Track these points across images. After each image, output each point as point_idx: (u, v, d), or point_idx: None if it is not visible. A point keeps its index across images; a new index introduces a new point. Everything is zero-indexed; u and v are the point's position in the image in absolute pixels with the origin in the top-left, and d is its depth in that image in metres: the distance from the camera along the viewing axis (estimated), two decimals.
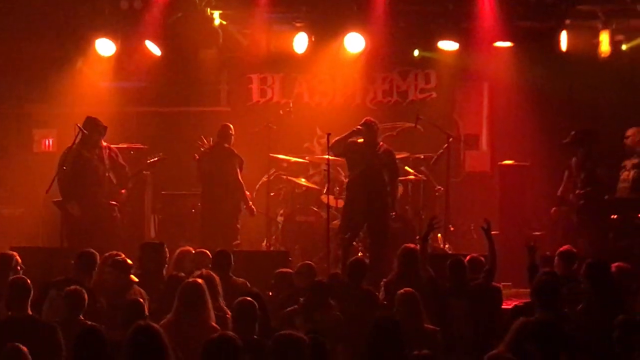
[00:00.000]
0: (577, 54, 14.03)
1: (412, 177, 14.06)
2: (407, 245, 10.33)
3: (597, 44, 13.84)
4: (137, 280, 9.69)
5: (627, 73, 14.15)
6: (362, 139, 12.62)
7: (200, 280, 8.45)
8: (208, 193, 13.42)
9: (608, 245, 12.18)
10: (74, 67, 14.93)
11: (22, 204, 14.94)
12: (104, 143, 12.83)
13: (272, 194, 14.27)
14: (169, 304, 8.39)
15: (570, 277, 9.59)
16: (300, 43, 14.49)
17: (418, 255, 9.98)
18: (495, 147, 15.52)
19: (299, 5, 14.43)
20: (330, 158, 12.85)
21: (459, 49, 14.42)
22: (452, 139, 13.81)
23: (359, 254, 12.62)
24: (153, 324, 6.53)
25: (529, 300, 8.80)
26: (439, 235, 13.61)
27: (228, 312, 8.57)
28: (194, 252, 10.76)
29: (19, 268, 9.66)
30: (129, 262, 9.74)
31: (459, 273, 9.64)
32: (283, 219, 14.26)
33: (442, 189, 14.06)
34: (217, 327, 8.03)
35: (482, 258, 10.11)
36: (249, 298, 7.97)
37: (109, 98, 15.26)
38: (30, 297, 8.23)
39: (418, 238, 12.62)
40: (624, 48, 14.03)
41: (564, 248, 10.23)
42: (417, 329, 8.36)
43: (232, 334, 6.69)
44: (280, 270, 10.20)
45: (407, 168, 14.04)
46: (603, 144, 13.61)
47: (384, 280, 10.20)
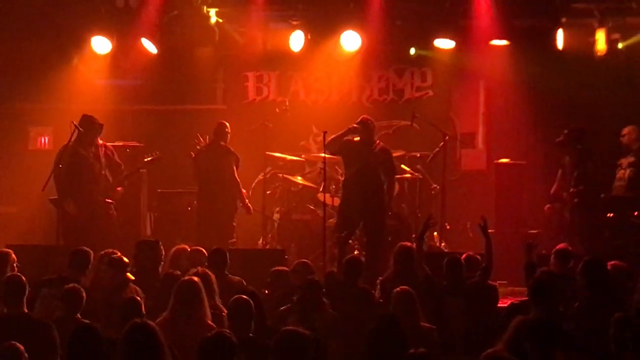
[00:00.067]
0: (573, 53, 14.04)
1: (408, 175, 14.06)
2: (403, 244, 10.33)
3: (593, 43, 13.84)
4: (133, 279, 9.68)
5: (623, 71, 14.16)
6: (358, 137, 12.61)
7: (196, 279, 8.44)
8: (204, 191, 13.40)
9: (603, 244, 12.18)
10: (70, 64, 14.93)
11: (17, 202, 14.92)
12: (100, 141, 12.83)
13: (268, 192, 14.27)
14: (165, 302, 8.39)
15: (566, 275, 9.60)
16: (297, 41, 14.49)
17: (414, 254, 9.98)
18: (492, 145, 15.53)
19: (295, 3, 14.43)
20: (327, 156, 12.83)
21: (455, 47, 14.43)
22: (448, 137, 13.81)
23: (355, 252, 12.62)
24: (149, 322, 6.53)
25: (525, 299, 8.81)
26: (435, 234, 13.62)
27: (224, 310, 8.56)
28: (190, 250, 10.76)
29: (15, 266, 9.66)
30: (125, 260, 9.73)
31: (456, 271, 9.65)
32: (279, 217, 14.25)
33: (438, 188, 14.05)
34: (213, 325, 8.02)
35: (478, 256, 10.11)
36: (245, 296, 7.96)
37: (105, 96, 15.25)
38: (26, 294, 8.23)
39: (414, 236, 12.62)
40: (620, 46, 14.04)
41: (560, 246, 10.23)
42: (413, 327, 8.33)
43: (227, 332, 6.69)
44: (276, 269, 10.19)
45: (403, 166, 14.04)
46: (599, 143, 13.67)
47: (380, 279, 10.21)
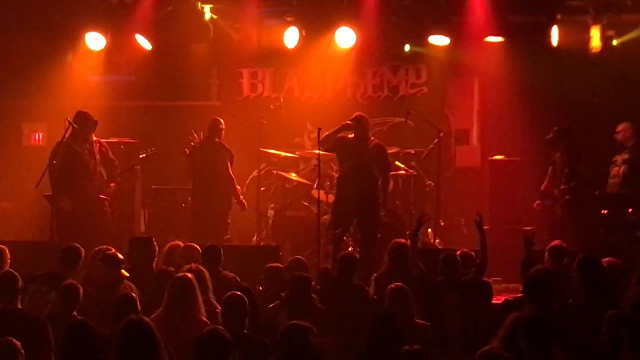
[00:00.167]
0: (568, 50, 14.06)
1: (402, 172, 14.05)
2: (397, 241, 10.30)
3: (588, 40, 13.86)
4: (128, 275, 9.66)
5: (618, 69, 14.15)
6: (353, 134, 12.59)
7: (190, 275, 8.42)
8: (199, 188, 13.38)
9: (597, 241, 12.19)
10: (64, 61, 14.92)
11: (12, 199, 14.90)
12: (95, 137, 12.82)
13: (262, 189, 14.24)
14: (159, 299, 8.38)
15: (561, 272, 9.59)
16: (291, 38, 14.49)
17: (408, 251, 9.97)
18: (486, 142, 15.53)
19: (290, 0, 14.43)
20: (321, 153, 12.82)
21: (450, 44, 14.43)
22: (442, 134, 13.81)
23: (350, 249, 12.62)
24: (145, 319, 6.51)
25: (520, 296, 8.81)
26: (430, 231, 13.61)
27: (218, 306, 8.54)
28: (184, 246, 10.74)
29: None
30: (120, 257, 9.70)
31: (452, 268, 9.63)
32: (274, 214, 14.23)
33: (432, 184, 14.06)
34: (207, 321, 8.00)
35: (472, 253, 10.11)
36: (239, 293, 7.95)
37: (100, 92, 15.22)
38: (19, 290, 8.23)
39: (409, 233, 12.62)
40: (615, 43, 14.03)
41: (554, 243, 10.22)
42: (408, 324, 8.29)
43: (222, 329, 6.68)
44: (271, 265, 10.15)
45: (397, 163, 14.03)
46: (594, 140, 13.68)
47: (375, 276, 10.19)
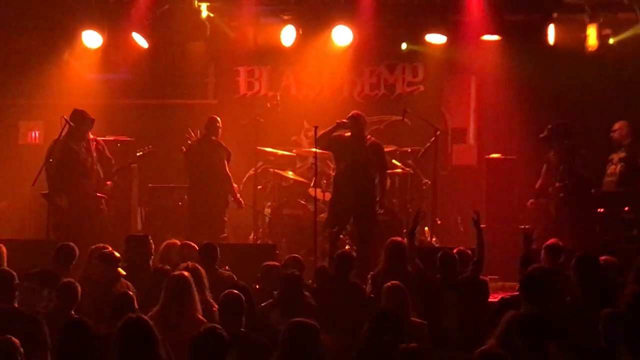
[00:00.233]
0: (564, 48, 14.05)
1: (399, 170, 14.04)
2: (393, 239, 10.28)
3: (584, 38, 13.86)
4: (124, 274, 9.66)
5: (614, 67, 14.15)
6: (349, 133, 12.58)
7: (187, 273, 8.42)
8: (195, 186, 13.37)
9: (593, 239, 12.18)
10: (61, 59, 14.92)
11: (8, 196, 14.90)
12: (91, 135, 12.81)
13: (259, 187, 14.23)
14: (155, 297, 8.38)
15: (557, 270, 9.60)
16: (288, 36, 14.49)
17: (405, 249, 9.96)
18: (483, 140, 15.52)
19: None
20: (318, 151, 12.82)
21: (447, 43, 14.44)
22: (439, 133, 13.79)
23: (346, 247, 12.62)
24: (144, 317, 6.51)
25: (516, 294, 8.81)
26: (426, 229, 13.61)
27: (214, 304, 8.55)
28: (180, 244, 10.74)
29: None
30: (117, 255, 9.70)
31: (450, 266, 9.63)
32: (270, 212, 14.22)
33: (429, 182, 14.05)
34: (203, 319, 8.00)
35: (469, 251, 10.12)
36: (236, 291, 7.95)
37: (96, 90, 15.22)
38: (15, 288, 8.23)
39: (405, 231, 12.62)
40: (611, 42, 14.04)
41: (551, 242, 10.20)
42: (404, 322, 8.33)
43: (219, 328, 6.68)
44: (267, 264, 10.16)
45: (394, 161, 14.02)
46: (590, 138, 13.68)
47: (371, 274, 10.19)
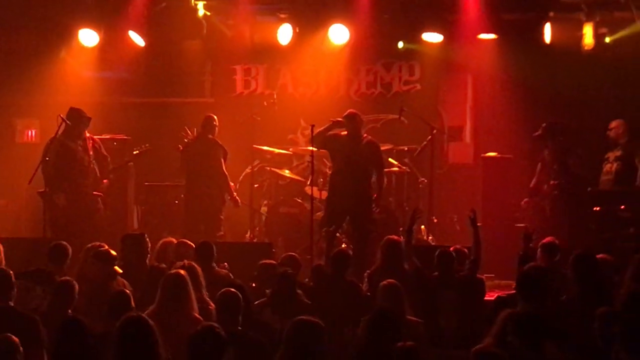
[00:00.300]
0: (560, 47, 14.06)
1: (395, 168, 14.05)
2: (389, 237, 10.29)
3: (580, 37, 13.87)
4: (121, 272, 9.65)
5: (610, 65, 14.15)
6: (345, 131, 12.57)
7: (183, 272, 8.41)
8: (192, 184, 13.37)
9: (588, 237, 12.17)
10: (57, 57, 14.90)
11: (4, 195, 14.87)
12: (87, 134, 12.81)
13: (255, 186, 14.24)
14: (151, 296, 8.37)
15: (553, 269, 9.61)
16: (285, 34, 14.49)
17: (401, 247, 9.96)
18: (479, 139, 15.53)
19: None
20: (314, 150, 12.82)
21: (443, 41, 14.45)
22: (435, 131, 13.81)
23: (343, 246, 12.62)
24: (144, 316, 6.50)
25: (513, 292, 8.82)
26: (423, 227, 13.61)
27: (211, 303, 8.55)
28: (176, 242, 10.73)
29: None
30: (113, 253, 9.68)
31: (447, 264, 9.62)
32: (267, 211, 14.23)
33: (425, 181, 14.06)
34: (200, 318, 8.00)
35: (465, 250, 10.12)
36: (233, 289, 7.95)
37: (92, 88, 15.19)
38: (13, 287, 8.22)
39: (401, 230, 12.63)
40: (608, 40, 14.04)
41: (547, 240, 10.22)
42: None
43: (216, 326, 6.67)
44: (264, 262, 10.15)
45: (390, 160, 14.02)
46: (586, 136, 13.70)
47: (368, 272, 10.19)
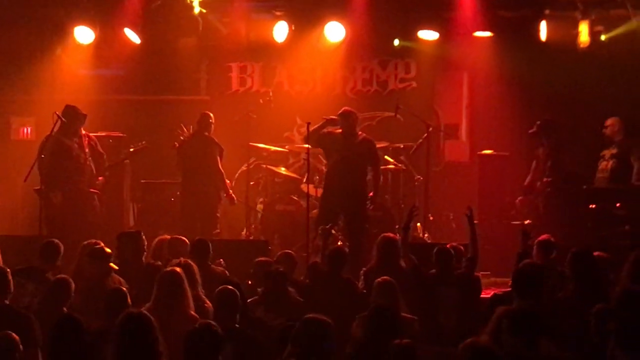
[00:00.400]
0: (556, 44, 14.06)
1: (391, 166, 14.05)
2: (385, 235, 10.26)
3: (576, 34, 13.86)
4: (116, 268, 9.65)
5: (606, 63, 14.14)
6: (340, 129, 12.56)
7: (179, 269, 8.41)
8: (188, 182, 13.36)
9: (582, 234, 12.16)
10: (53, 54, 14.88)
11: (0, 193, 14.85)
12: (83, 131, 12.79)
13: (251, 183, 14.24)
14: (147, 293, 8.36)
15: (549, 266, 9.61)
16: (280, 32, 14.48)
17: (397, 245, 9.96)
18: (475, 137, 15.53)
19: None
20: (310, 147, 12.81)
21: (439, 39, 14.46)
22: (431, 129, 13.82)
23: (339, 243, 12.62)
24: (145, 313, 6.49)
25: (509, 290, 8.82)
26: (419, 225, 13.62)
27: (207, 301, 8.55)
28: (170, 238, 10.71)
29: None
30: (108, 250, 9.67)
31: (446, 261, 9.62)
32: (263, 208, 14.22)
33: (421, 179, 14.06)
34: (196, 316, 8.00)
35: (461, 247, 10.13)
36: (231, 287, 7.95)
37: (88, 86, 15.17)
38: (9, 285, 8.22)
39: (397, 227, 12.64)
40: (603, 38, 14.04)
41: (543, 237, 10.22)
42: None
43: (214, 324, 6.67)
44: (260, 259, 10.17)
45: (386, 157, 14.02)
46: (582, 134, 13.72)
47: (364, 270, 10.19)
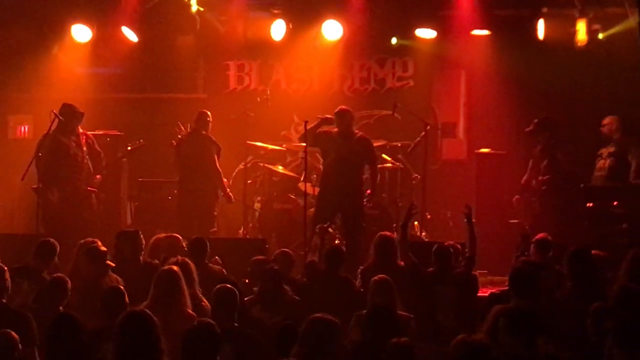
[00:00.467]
0: (554, 43, 14.07)
1: (389, 164, 14.04)
2: (382, 233, 10.28)
3: (574, 33, 13.86)
4: (113, 265, 9.65)
5: (604, 62, 14.13)
6: (336, 128, 12.55)
7: (176, 268, 8.41)
8: (185, 180, 13.34)
9: (578, 233, 12.16)
10: (50, 53, 14.86)
11: None
12: (80, 129, 12.79)
13: (249, 182, 14.23)
14: (144, 292, 8.36)
15: (546, 265, 9.61)
16: (278, 30, 14.48)
17: (394, 243, 9.96)
18: (472, 135, 15.53)
19: None
20: (307, 145, 12.80)
21: (437, 37, 14.46)
22: (429, 127, 13.79)
23: (336, 242, 12.62)
24: (147, 311, 6.49)
25: (506, 288, 8.82)
26: (416, 223, 13.61)
27: (204, 299, 8.55)
28: (165, 236, 10.70)
29: None
30: (103, 248, 9.65)
31: (445, 260, 9.62)
32: (260, 207, 14.22)
33: (419, 177, 14.04)
34: (193, 314, 8.00)
35: (459, 245, 10.12)
36: (229, 285, 7.95)
37: (85, 84, 15.16)
38: (7, 284, 8.22)
39: (395, 226, 12.64)
40: (601, 37, 14.03)
41: (540, 236, 10.22)
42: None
43: (212, 322, 6.67)
44: (257, 258, 10.16)
45: (384, 156, 14.00)
46: (579, 133, 13.72)
47: (361, 268, 10.19)
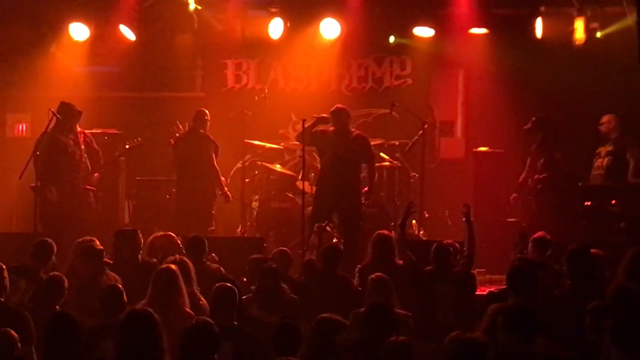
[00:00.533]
0: (552, 41, 14.07)
1: (387, 163, 14.04)
2: (380, 232, 10.29)
3: (572, 31, 13.87)
4: (111, 262, 9.64)
5: (602, 60, 14.13)
6: (332, 127, 12.54)
7: (174, 266, 8.41)
8: (183, 179, 13.35)
9: (575, 232, 12.17)
10: (48, 51, 14.83)
11: None
12: (78, 128, 12.78)
13: (247, 180, 14.20)
14: (142, 290, 8.36)
15: (544, 263, 9.62)
16: (276, 29, 14.47)
17: (392, 242, 9.97)
18: (470, 134, 15.54)
19: None
20: (305, 144, 12.79)
21: (435, 36, 14.45)
22: (427, 126, 13.79)
23: (334, 240, 12.63)
24: (149, 310, 6.47)
25: (504, 287, 8.83)
26: (414, 222, 13.61)
27: (202, 298, 8.55)
28: (160, 235, 10.69)
29: None
30: (99, 247, 9.62)
31: (444, 258, 9.63)
32: (258, 205, 14.21)
33: (416, 176, 14.05)
34: (192, 313, 8.00)
35: (457, 244, 10.13)
36: (228, 284, 7.94)
37: (83, 83, 15.14)
38: (5, 283, 8.21)
39: (392, 224, 12.64)
40: (599, 35, 14.03)
41: (538, 235, 10.22)
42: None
43: (210, 321, 6.67)
44: (255, 257, 10.15)
45: (382, 154, 14.02)
46: (577, 131, 13.73)
47: (359, 267, 10.19)
